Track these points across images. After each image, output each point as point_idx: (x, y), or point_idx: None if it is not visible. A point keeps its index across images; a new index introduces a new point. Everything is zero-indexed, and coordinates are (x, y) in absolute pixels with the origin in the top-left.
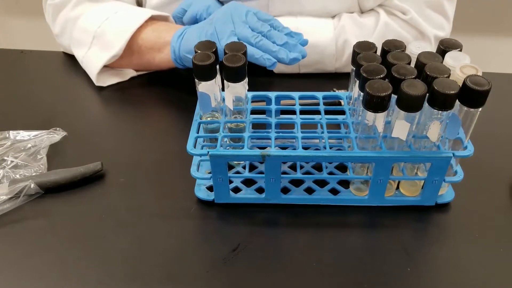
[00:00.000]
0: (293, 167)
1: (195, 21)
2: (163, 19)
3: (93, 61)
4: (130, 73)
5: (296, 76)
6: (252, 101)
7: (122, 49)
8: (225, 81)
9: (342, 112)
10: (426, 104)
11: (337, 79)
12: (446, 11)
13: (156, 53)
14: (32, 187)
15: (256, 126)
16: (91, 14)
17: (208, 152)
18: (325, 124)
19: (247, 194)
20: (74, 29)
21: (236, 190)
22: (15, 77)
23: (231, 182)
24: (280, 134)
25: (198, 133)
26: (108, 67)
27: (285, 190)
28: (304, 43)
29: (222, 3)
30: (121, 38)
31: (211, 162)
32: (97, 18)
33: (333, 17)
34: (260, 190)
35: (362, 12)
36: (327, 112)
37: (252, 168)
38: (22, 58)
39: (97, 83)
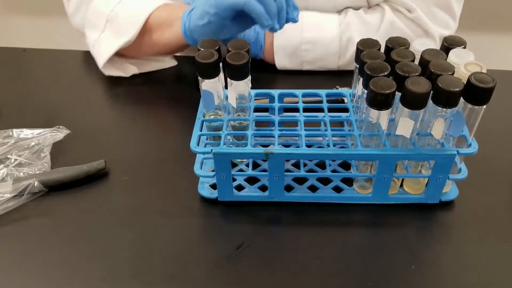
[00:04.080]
0: (296, 165)
1: None
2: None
3: (104, 47)
4: (132, 70)
5: (299, 73)
6: (255, 98)
7: (135, 36)
8: (228, 79)
9: (346, 110)
10: (430, 102)
11: (340, 76)
12: (454, 10)
13: (165, 28)
14: (35, 185)
15: (259, 124)
16: None
17: (211, 150)
18: (329, 122)
19: (251, 192)
20: (88, 10)
21: (240, 188)
22: (18, 75)
23: (234, 180)
24: (284, 132)
25: (201, 131)
26: (115, 56)
27: (288, 188)
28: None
29: None
30: (134, 25)
31: (214, 160)
32: (110, 2)
33: (339, 12)
34: (263, 188)
35: (369, 6)
36: (330, 110)
37: (255, 166)
38: (24, 57)
39: (101, 68)
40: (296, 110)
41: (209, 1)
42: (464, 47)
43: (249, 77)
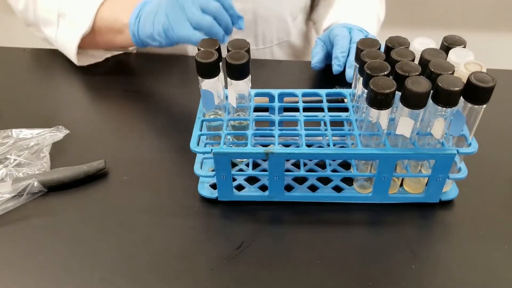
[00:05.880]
0: (296, 165)
1: None
2: None
3: (67, 42)
4: (104, 54)
5: (299, 72)
6: (255, 96)
7: (91, 26)
8: (228, 79)
9: (346, 109)
10: (430, 101)
11: (341, 76)
12: None
13: (115, 34)
14: (35, 185)
15: (259, 123)
16: None
17: (211, 150)
18: (329, 121)
19: (251, 192)
20: (37, 7)
21: (240, 188)
22: (17, 75)
23: (234, 180)
24: (284, 131)
25: (201, 131)
26: (81, 48)
27: (288, 188)
28: (242, 28)
29: None
30: (86, 16)
31: (214, 160)
32: None
33: None
34: (263, 188)
35: None
36: (330, 109)
37: (255, 165)
38: (24, 56)
39: (77, 63)
40: (296, 109)
41: (158, 28)
42: (464, 47)
43: (249, 77)
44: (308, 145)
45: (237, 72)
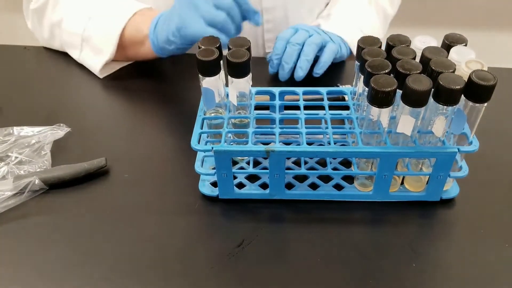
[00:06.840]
0: (297, 163)
1: None
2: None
3: (90, 62)
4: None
5: None
6: (256, 94)
7: (114, 53)
8: (229, 77)
9: (347, 108)
10: (431, 99)
11: (341, 74)
12: None
13: (138, 46)
14: (36, 183)
15: (260, 121)
16: (71, 16)
17: (212, 148)
18: (329, 119)
19: (251, 190)
20: (62, 32)
21: (240, 185)
22: (19, 73)
23: (235, 178)
24: (284, 129)
25: (202, 129)
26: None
27: (289, 186)
28: (259, 24)
29: None
30: (109, 43)
31: (215, 157)
32: (79, 21)
33: None
34: (264, 186)
35: None
36: (331, 108)
37: (256, 163)
38: (25, 54)
39: (101, 77)
40: (296, 107)
41: (171, 29)
42: (465, 45)
43: (250, 75)
44: (309, 143)
45: (238, 70)
